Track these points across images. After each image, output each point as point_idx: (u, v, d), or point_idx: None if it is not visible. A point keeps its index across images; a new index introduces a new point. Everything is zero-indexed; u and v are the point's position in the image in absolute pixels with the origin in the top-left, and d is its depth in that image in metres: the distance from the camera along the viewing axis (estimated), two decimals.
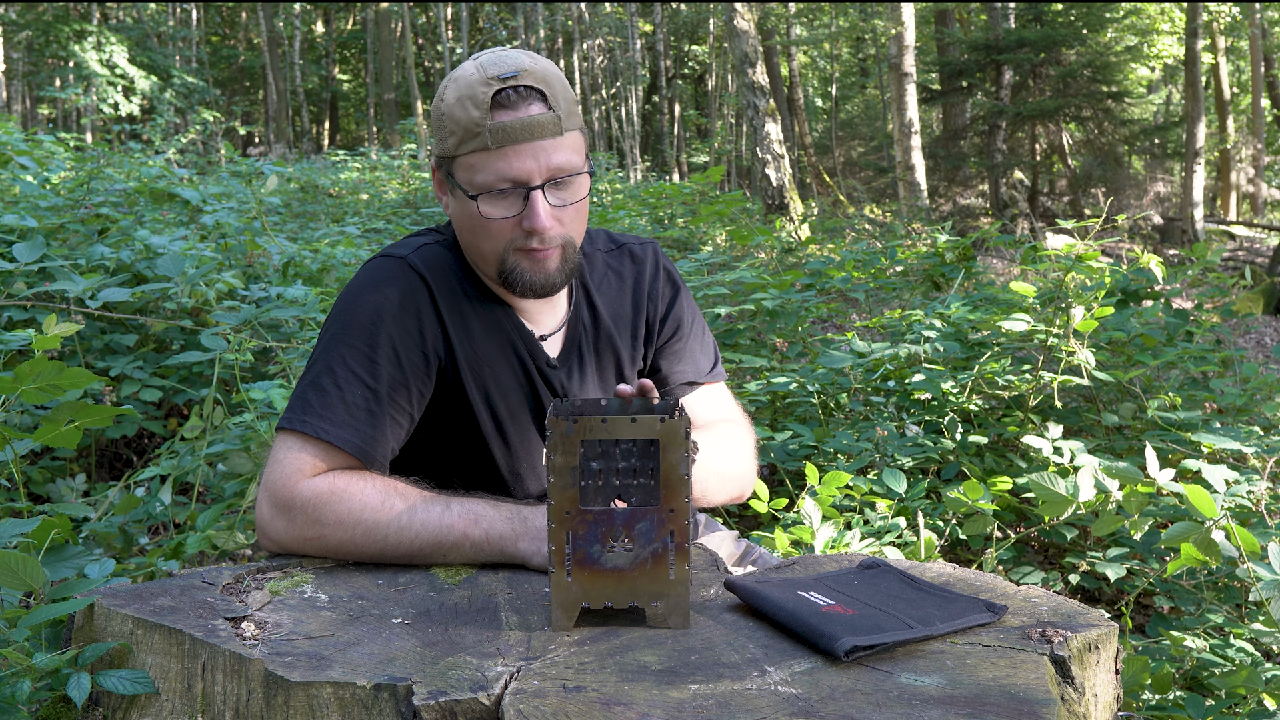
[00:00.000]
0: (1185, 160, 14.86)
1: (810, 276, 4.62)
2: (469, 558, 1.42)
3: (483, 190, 1.49)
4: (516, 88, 1.47)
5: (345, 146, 24.91)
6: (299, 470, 1.43)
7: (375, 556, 1.42)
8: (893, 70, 12.81)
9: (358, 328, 1.51)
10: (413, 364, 1.52)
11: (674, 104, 25.35)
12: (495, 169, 1.48)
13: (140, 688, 1.16)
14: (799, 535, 2.29)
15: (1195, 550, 1.98)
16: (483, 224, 1.51)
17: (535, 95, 1.48)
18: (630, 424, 1.20)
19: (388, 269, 1.56)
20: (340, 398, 1.47)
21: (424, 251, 1.58)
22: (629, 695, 1.04)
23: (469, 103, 1.47)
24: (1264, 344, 7.69)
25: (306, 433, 1.44)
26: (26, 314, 3.30)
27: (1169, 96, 24.88)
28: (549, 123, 1.48)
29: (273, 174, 5.76)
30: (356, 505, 1.40)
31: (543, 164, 1.48)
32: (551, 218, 1.51)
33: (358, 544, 1.41)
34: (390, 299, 1.52)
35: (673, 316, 1.75)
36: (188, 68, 22.87)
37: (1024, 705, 1.02)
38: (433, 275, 1.56)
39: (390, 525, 1.40)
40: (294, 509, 1.41)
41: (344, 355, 1.49)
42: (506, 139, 1.46)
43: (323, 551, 1.43)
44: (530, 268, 1.53)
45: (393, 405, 1.50)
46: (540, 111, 1.48)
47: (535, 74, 1.49)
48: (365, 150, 14.46)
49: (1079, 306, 3.07)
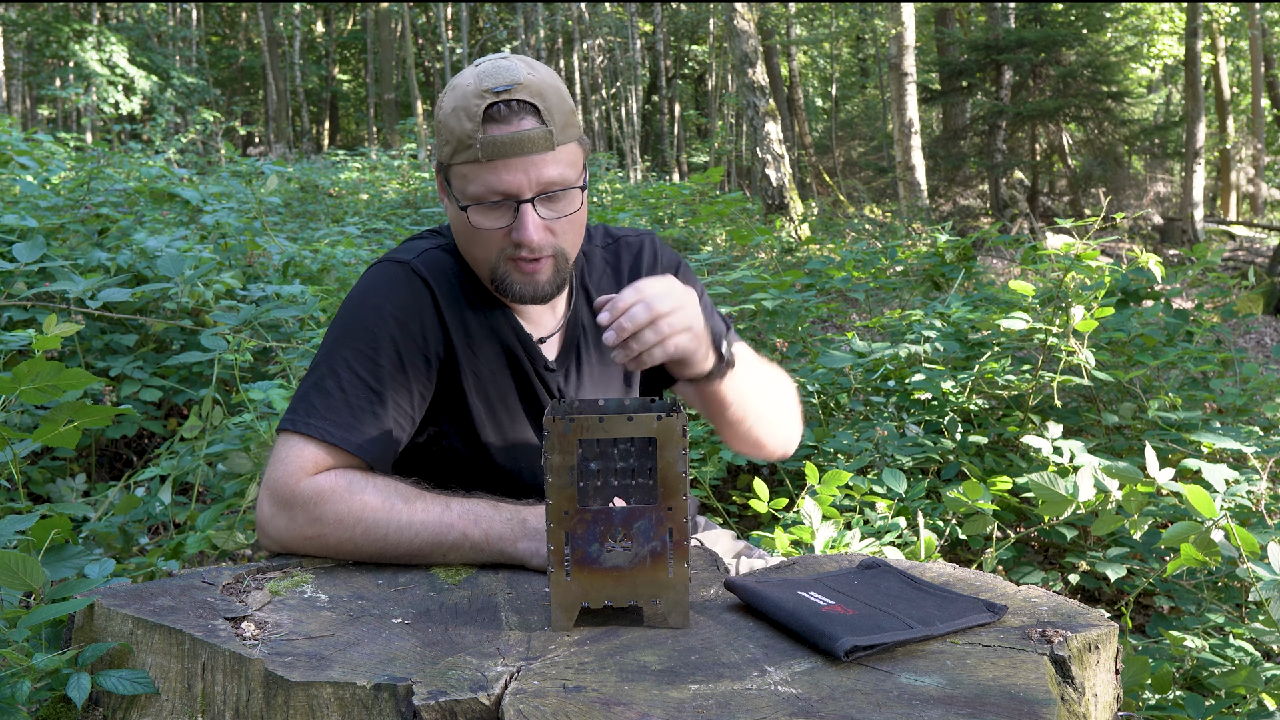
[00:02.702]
0: (1185, 160, 14.87)
1: (810, 276, 4.62)
2: (468, 558, 1.43)
3: (474, 201, 1.51)
4: (509, 101, 1.47)
5: (345, 146, 24.91)
6: (301, 469, 1.43)
7: (375, 556, 1.42)
8: (893, 70, 12.81)
9: (362, 331, 1.53)
10: (415, 366, 1.54)
11: (674, 104, 25.35)
12: (485, 181, 1.49)
13: (140, 688, 1.16)
14: (799, 535, 2.29)
15: (1195, 550, 1.98)
16: (474, 233, 1.53)
17: (528, 110, 1.48)
18: (627, 423, 1.21)
19: (392, 274, 1.58)
20: (344, 399, 1.48)
21: (427, 256, 1.60)
22: (629, 695, 1.04)
23: (463, 114, 1.48)
24: (1264, 344, 7.69)
25: (310, 434, 1.45)
26: (26, 314, 3.30)
27: (1169, 96, 24.88)
28: (540, 138, 1.48)
29: (273, 174, 5.76)
30: (357, 504, 1.40)
31: (533, 178, 1.49)
32: (541, 230, 1.51)
33: (357, 543, 1.41)
34: (394, 303, 1.54)
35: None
36: (188, 68, 22.87)
37: (1024, 705, 1.02)
38: (435, 280, 1.58)
39: (390, 525, 1.40)
40: (295, 507, 1.42)
41: (347, 358, 1.51)
42: (497, 153, 1.47)
43: (322, 550, 1.43)
44: (520, 279, 1.55)
45: (395, 407, 1.51)
46: (532, 126, 1.48)
47: (530, 87, 1.49)
48: (365, 150, 14.46)
49: (1079, 306, 3.07)
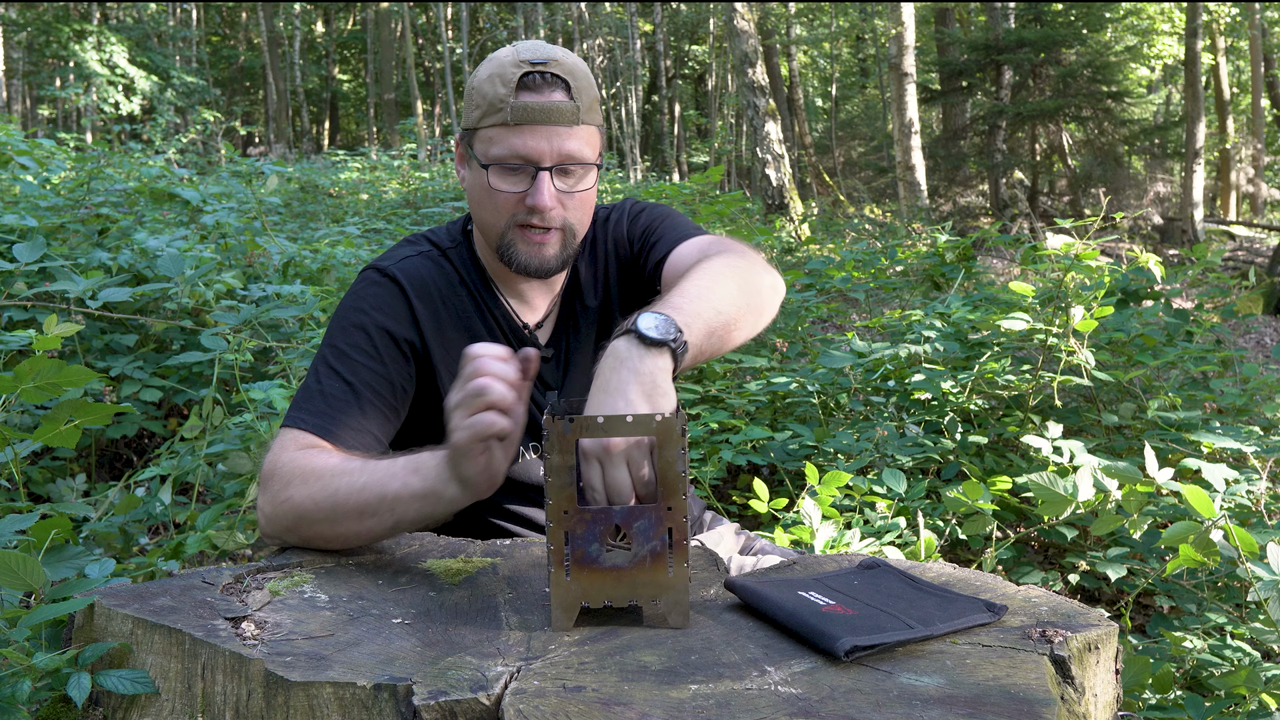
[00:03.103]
0: (1185, 160, 14.88)
1: (810, 276, 4.62)
2: (419, 510, 1.36)
3: (495, 162, 1.59)
4: (544, 73, 1.57)
5: (345, 146, 24.92)
6: (280, 449, 1.51)
7: (329, 513, 1.40)
8: (893, 70, 12.81)
9: (340, 332, 1.63)
10: (392, 358, 1.62)
11: (674, 104, 25.35)
12: (510, 144, 1.57)
13: (140, 688, 1.16)
14: (799, 535, 2.29)
15: (1194, 550, 1.98)
16: (490, 195, 1.61)
17: (560, 84, 1.57)
18: (627, 423, 1.21)
19: (369, 279, 1.68)
20: (319, 391, 1.57)
21: (405, 263, 1.69)
22: (629, 695, 1.04)
23: (498, 80, 1.57)
24: (1264, 344, 7.69)
25: (291, 425, 1.55)
26: (26, 314, 3.30)
27: (1169, 96, 24.88)
28: (568, 110, 1.57)
29: (273, 174, 5.76)
30: (319, 464, 1.44)
31: (555, 147, 1.57)
32: (555, 199, 1.59)
33: (315, 500, 1.41)
34: (368, 302, 1.65)
35: (641, 228, 1.78)
36: (188, 68, 22.88)
37: (1024, 705, 1.02)
38: (410, 282, 1.67)
39: (341, 479, 1.40)
40: (271, 479, 1.47)
41: (326, 357, 1.61)
42: (525, 118, 1.56)
43: (294, 514, 1.43)
44: (526, 249, 1.63)
45: (372, 395, 1.58)
46: (562, 99, 1.57)
47: (565, 65, 1.58)
48: (365, 150, 14.47)
49: (1079, 306, 3.07)
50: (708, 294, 1.46)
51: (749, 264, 1.60)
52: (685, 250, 1.68)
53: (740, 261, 1.59)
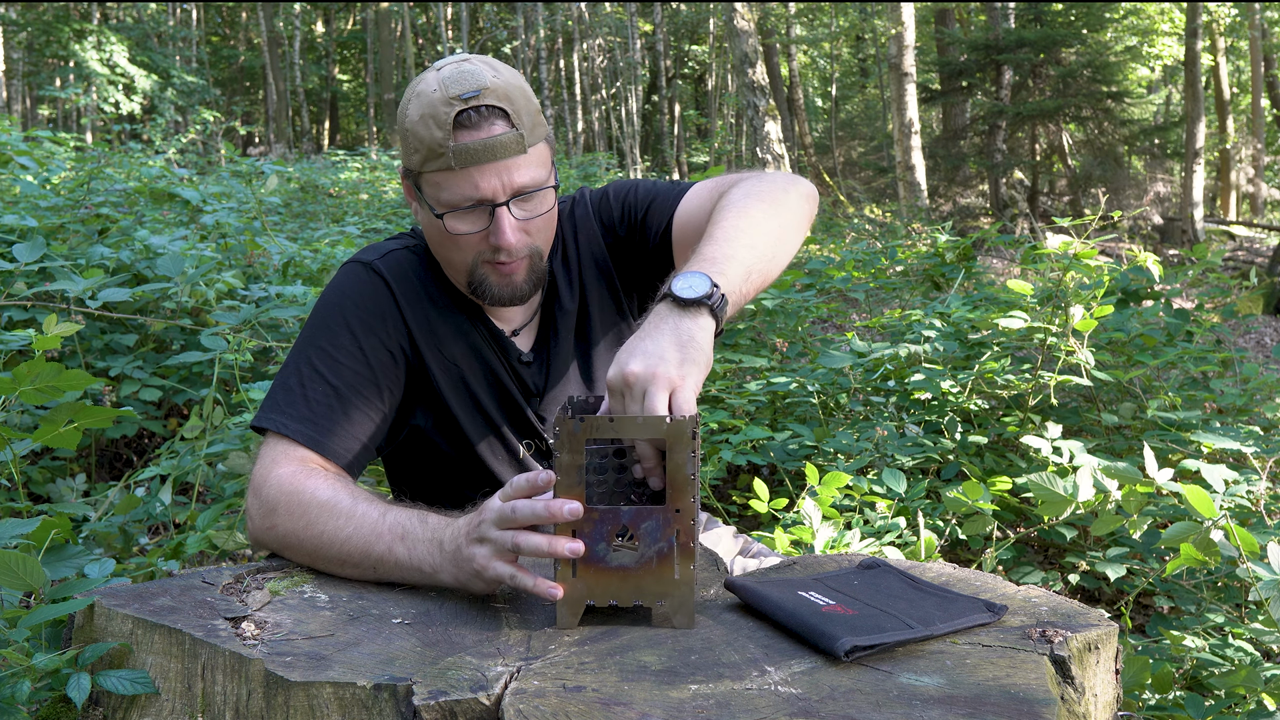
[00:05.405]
0: (1185, 160, 14.87)
1: (810, 276, 4.62)
2: (396, 577, 1.35)
3: (449, 208, 1.51)
4: (478, 108, 1.47)
5: (345, 146, 24.91)
6: (272, 462, 1.46)
7: (312, 552, 1.39)
8: (893, 70, 12.81)
9: (323, 329, 1.56)
10: (380, 361, 1.56)
11: (674, 104, 25.33)
12: (459, 189, 1.50)
13: (140, 688, 1.16)
14: (799, 535, 2.29)
15: (1194, 550, 1.98)
16: (450, 239, 1.54)
17: (498, 114, 1.49)
18: (637, 424, 1.21)
19: (354, 274, 1.62)
20: (302, 394, 1.51)
21: (390, 258, 1.63)
22: (629, 695, 1.04)
23: (432, 122, 1.48)
24: (1264, 344, 7.69)
25: (270, 429, 1.50)
26: (26, 314, 3.30)
27: (1169, 96, 24.87)
28: (511, 142, 1.49)
29: (273, 174, 5.76)
30: (308, 495, 1.40)
31: (506, 182, 1.50)
32: (518, 231, 1.53)
33: (299, 536, 1.39)
34: (354, 301, 1.58)
35: (623, 207, 1.72)
36: (188, 68, 22.86)
37: (1024, 705, 1.02)
38: (396, 280, 1.61)
39: (328, 522, 1.37)
40: (259, 499, 1.44)
41: (309, 355, 1.54)
42: (470, 160, 1.48)
43: (278, 542, 1.43)
44: (498, 281, 1.57)
45: (359, 400, 1.53)
46: (503, 131, 1.48)
47: (497, 91, 1.49)
48: (365, 150, 14.47)
49: (1078, 306, 3.07)
50: (736, 233, 1.44)
51: (769, 184, 1.57)
52: (693, 202, 1.64)
53: (759, 185, 1.56)
